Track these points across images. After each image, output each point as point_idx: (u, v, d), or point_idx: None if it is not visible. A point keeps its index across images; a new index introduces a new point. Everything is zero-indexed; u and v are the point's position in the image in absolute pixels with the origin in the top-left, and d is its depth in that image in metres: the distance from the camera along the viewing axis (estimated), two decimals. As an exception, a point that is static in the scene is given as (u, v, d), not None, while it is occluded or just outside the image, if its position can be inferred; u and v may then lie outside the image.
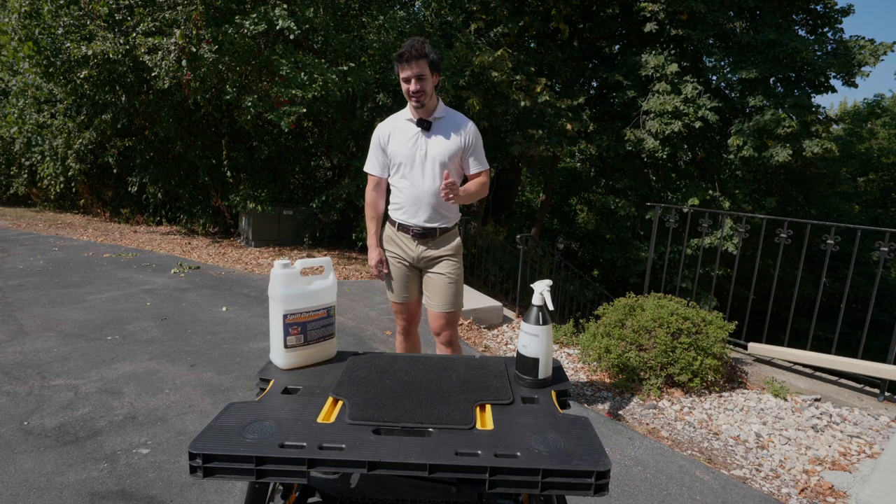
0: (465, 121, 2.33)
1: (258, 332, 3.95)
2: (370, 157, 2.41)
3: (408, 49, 2.12)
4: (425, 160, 2.26)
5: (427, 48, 2.15)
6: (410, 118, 2.29)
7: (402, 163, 2.29)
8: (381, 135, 2.35)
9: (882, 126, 19.88)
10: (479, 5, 8.84)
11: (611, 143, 9.49)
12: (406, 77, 2.17)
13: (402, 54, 2.13)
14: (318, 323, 1.40)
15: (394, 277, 2.44)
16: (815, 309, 3.77)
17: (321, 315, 1.41)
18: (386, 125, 2.36)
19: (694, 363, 3.20)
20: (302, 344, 1.37)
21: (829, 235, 3.43)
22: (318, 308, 1.41)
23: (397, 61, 2.17)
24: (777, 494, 2.33)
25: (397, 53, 2.16)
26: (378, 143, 2.36)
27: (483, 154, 2.38)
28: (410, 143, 2.27)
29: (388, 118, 2.39)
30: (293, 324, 1.36)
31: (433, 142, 2.26)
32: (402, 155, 2.28)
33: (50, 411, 2.62)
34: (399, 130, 2.31)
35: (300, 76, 6.06)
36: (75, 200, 11.33)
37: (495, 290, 6.06)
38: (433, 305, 2.41)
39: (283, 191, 8.77)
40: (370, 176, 2.43)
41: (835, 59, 8.91)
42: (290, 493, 1.23)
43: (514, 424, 1.08)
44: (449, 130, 2.28)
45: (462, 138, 2.29)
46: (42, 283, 4.98)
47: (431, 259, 2.38)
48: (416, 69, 2.14)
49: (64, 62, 6.76)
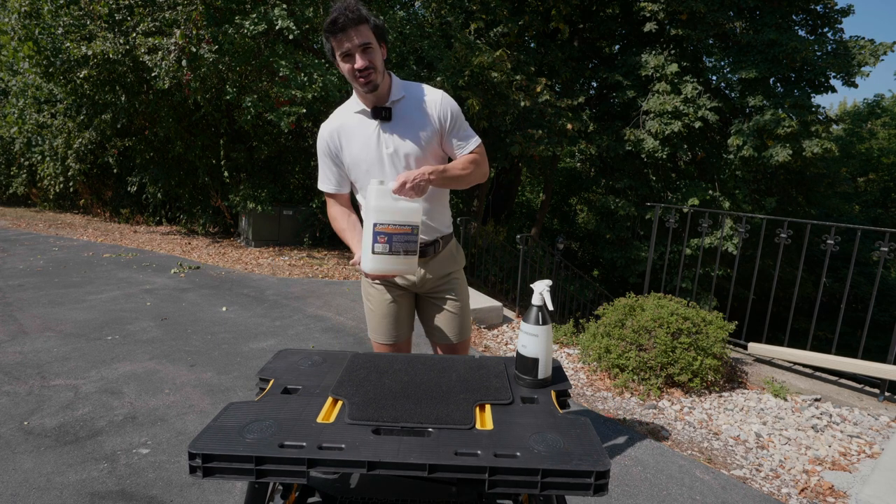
0: (432, 93, 1.74)
1: (258, 332, 3.95)
2: (321, 171, 1.82)
3: (341, 13, 1.53)
4: (396, 159, 1.70)
5: (364, 10, 1.57)
6: (362, 109, 1.71)
7: (367, 171, 1.72)
8: (328, 140, 1.75)
9: (882, 126, 19.89)
10: (479, 5, 8.85)
11: (611, 143, 9.49)
12: (346, 52, 1.58)
13: (335, 21, 1.53)
14: (403, 237, 1.58)
15: (382, 313, 1.89)
16: (815, 309, 3.77)
17: (406, 231, 1.58)
18: (331, 126, 1.76)
19: (694, 363, 3.20)
20: (387, 252, 1.57)
21: (829, 235, 3.43)
22: (404, 224, 1.58)
23: (329, 33, 1.57)
24: (777, 494, 2.33)
25: (326, 23, 1.56)
26: (327, 151, 1.77)
27: (467, 126, 1.79)
28: (371, 142, 1.70)
29: (331, 117, 1.79)
30: (381, 233, 1.56)
31: (400, 133, 1.69)
32: (365, 161, 1.71)
33: (50, 411, 2.62)
34: (351, 130, 1.73)
35: (300, 76, 6.06)
36: (75, 200, 11.34)
37: (495, 290, 6.06)
38: (447, 338, 1.91)
39: (283, 191, 8.78)
40: (329, 196, 1.85)
41: (835, 59, 8.91)
42: (290, 493, 1.23)
43: (513, 424, 1.08)
44: (416, 112, 1.70)
45: (435, 117, 1.71)
46: (42, 283, 4.99)
47: (439, 279, 1.87)
48: (357, 38, 1.56)
49: (64, 62, 6.76)
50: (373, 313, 1.93)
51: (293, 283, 5.56)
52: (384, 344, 1.94)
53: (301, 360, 1.40)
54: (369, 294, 1.93)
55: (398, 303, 1.90)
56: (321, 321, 4.28)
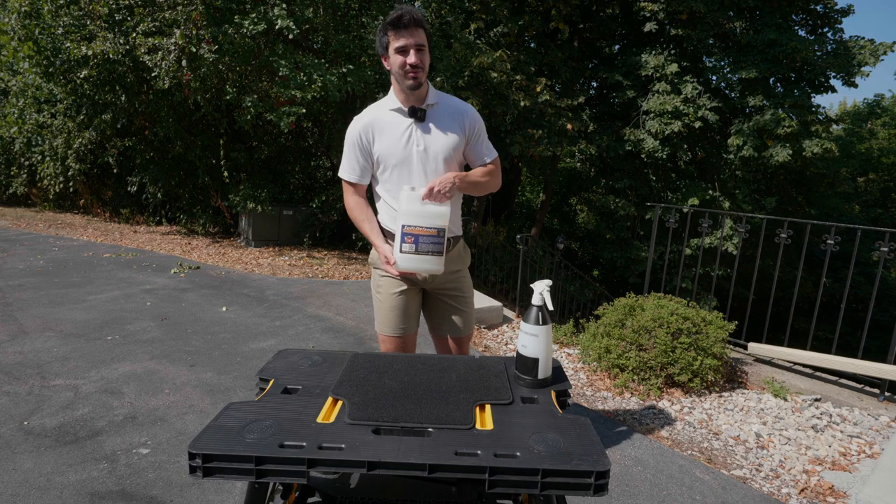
0: (463, 105, 1.92)
1: (258, 332, 3.95)
2: (347, 161, 1.91)
3: (406, 12, 1.70)
4: (426, 158, 1.82)
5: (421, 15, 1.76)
6: (398, 107, 1.84)
7: (395, 165, 1.84)
8: (361, 132, 1.86)
9: (882, 126, 19.89)
10: (479, 5, 8.85)
11: (611, 143, 9.50)
12: (402, 47, 1.72)
13: (401, 18, 1.70)
14: (429, 238, 1.74)
15: (390, 305, 1.95)
16: (815, 309, 3.77)
17: (432, 233, 1.74)
18: (365, 120, 1.87)
19: (694, 363, 3.20)
20: (413, 252, 1.73)
21: (829, 235, 3.43)
22: (431, 227, 1.74)
23: (391, 28, 1.73)
24: (777, 494, 2.33)
25: (391, 18, 1.72)
26: (357, 142, 1.87)
27: (489, 142, 1.97)
28: (403, 139, 1.82)
29: (365, 111, 1.91)
30: (408, 234, 1.73)
31: (431, 134, 1.83)
32: (395, 156, 1.83)
33: (50, 411, 2.62)
34: (385, 125, 1.84)
35: (300, 76, 6.06)
36: (75, 200, 11.34)
37: (495, 290, 6.06)
38: (454, 332, 2.00)
39: (283, 191, 8.78)
40: (347, 183, 1.94)
41: (835, 59, 8.92)
42: (290, 493, 1.23)
43: (513, 424, 1.08)
44: (447, 118, 1.86)
45: (464, 126, 1.88)
46: (42, 283, 4.99)
47: (447, 275, 1.94)
48: (415, 37, 1.72)
49: (64, 62, 6.76)
50: (381, 304, 1.98)
51: (293, 283, 5.56)
52: (391, 336, 1.99)
53: (301, 360, 1.40)
54: (379, 286, 1.99)
55: (406, 296, 1.96)
56: (321, 321, 4.29)
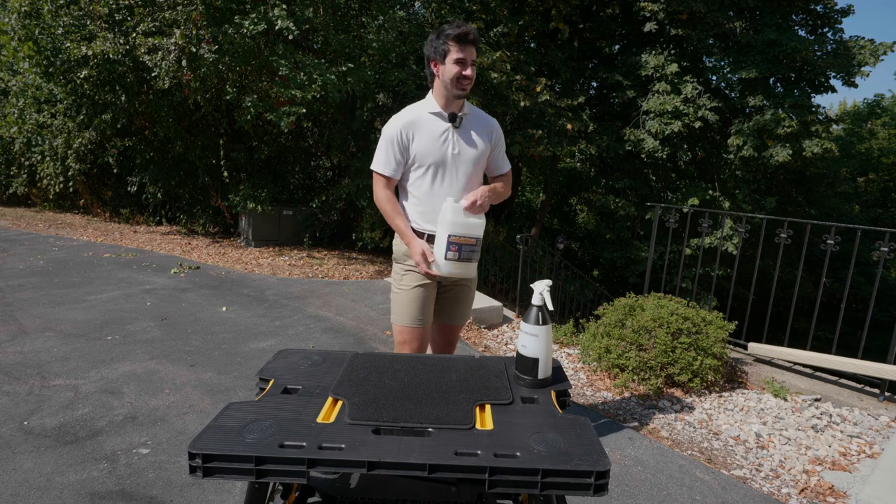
0: (490, 118, 2.15)
1: (258, 332, 3.95)
2: (384, 155, 2.02)
3: (470, 30, 1.90)
4: (458, 161, 2.01)
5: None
6: (438, 111, 2.00)
7: (431, 164, 1.99)
8: (402, 130, 1.99)
9: (882, 126, 19.88)
10: (479, 5, 8.84)
11: (611, 143, 9.49)
12: (461, 59, 1.91)
13: (467, 34, 1.89)
14: (469, 247, 1.96)
15: (411, 297, 2.07)
16: (815, 309, 3.77)
17: (472, 242, 1.96)
18: (406, 119, 2.00)
19: (694, 363, 3.20)
20: (457, 259, 1.94)
21: (829, 235, 3.43)
22: (471, 236, 1.95)
23: (455, 41, 1.90)
24: (777, 494, 2.33)
25: (456, 32, 1.89)
26: (397, 139, 1.99)
27: (505, 153, 2.22)
28: (440, 141, 1.99)
29: (404, 111, 2.04)
30: (453, 243, 1.93)
31: (466, 140, 2.03)
32: (431, 155, 1.99)
33: (50, 411, 2.62)
34: (425, 126, 2.00)
35: (299, 76, 6.06)
36: (75, 200, 11.34)
37: (495, 290, 6.05)
38: (452, 320, 2.21)
39: (283, 191, 8.78)
40: (380, 176, 2.04)
41: (835, 59, 8.91)
42: (290, 493, 1.23)
43: (513, 424, 1.08)
44: (479, 128, 2.07)
45: (492, 137, 2.10)
46: (42, 283, 4.99)
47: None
48: (473, 54, 1.93)
49: (64, 62, 6.76)
50: (403, 297, 2.10)
51: (293, 283, 5.56)
52: (411, 327, 2.09)
53: (301, 360, 1.40)
54: (402, 279, 2.11)
55: (427, 289, 2.10)
56: (321, 321, 4.29)
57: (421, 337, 2.11)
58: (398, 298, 2.11)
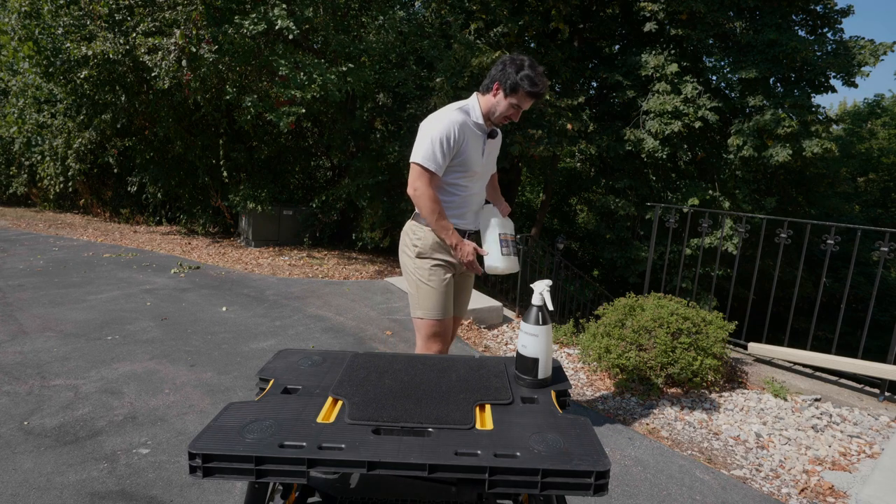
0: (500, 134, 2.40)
1: (258, 332, 3.95)
2: (436, 154, 2.07)
3: (544, 87, 2.09)
4: (484, 167, 2.26)
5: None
6: (481, 124, 2.18)
7: (471, 170, 2.18)
8: (459, 129, 2.10)
9: (882, 126, 19.88)
10: (479, 5, 8.85)
11: (611, 143, 9.49)
12: (519, 106, 2.12)
13: (539, 92, 2.09)
14: (514, 243, 2.24)
15: (442, 291, 2.19)
16: (815, 309, 3.77)
17: (513, 238, 2.25)
18: (460, 121, 2.11)
19: (694, 363, 3.20)
20: (510, 254, 2.19)
21: (829, 235, 3.43)
22: (511, 233, 2.25)
23: (530, 92, 2.07)
24: (777, 494, 2.33)
25: (536, 88, 2.07)
26: (451, 137, 2.08)
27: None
28: (480, 150, 2.21)
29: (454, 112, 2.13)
30: (504, 241, 2.19)
31: (491, 152, 2.30)
32: (472, 160, 2.17)
33: (50, 411, 2.62)
34: (471, 132, 2.17)
35: (299, 76, 6.06)
36: (75, 200, 11.34)
37: (495, 290, 6.05)
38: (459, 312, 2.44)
39: (283, 191, 8.78)
40: (424, 171, 2.09)
41: (835, 59, 8.91)
42: (290, 493, 1.23)
43: (513, 424, 1.08)
44: (497, 143, 2.35)
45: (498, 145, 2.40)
46: (42, 283, 4.99)
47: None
48: (530, 105, 2.16)
49: (64, 62, 6.76)
50: (433, 291, 2.18)
51: (293, 283, 5.56)
52: (441, 320, 2.20)
53: (301, 360, 1.40)
54: (431, 275, 2.19)
55: (452, 282, 2.26)
56: (321, 321, 4.29)
57: (449, 329, 2.28)
58: (430, 293, 2.18)
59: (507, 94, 2.09)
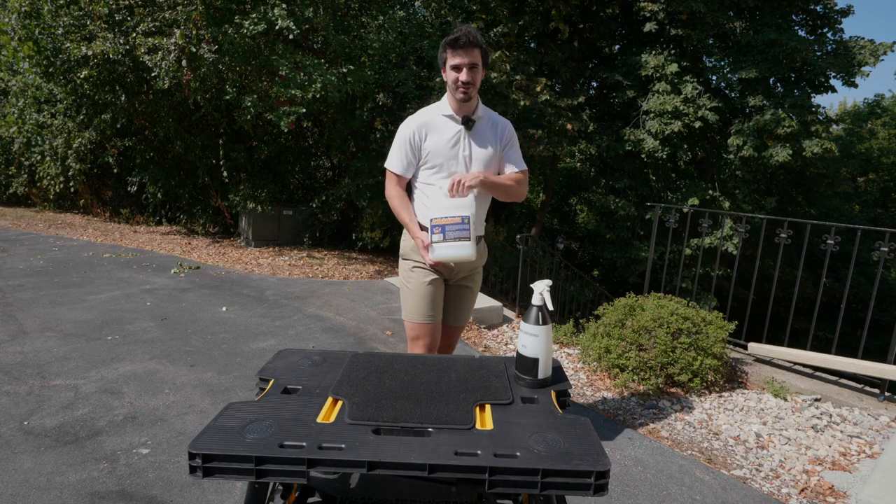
0: (503, 120, 2.18)
1: (258, 332, 3.95)
2: (396, 154, 2.11)
3: (464, 34, 1.91)
4: (469, 162, 2.06)
5: (480, 36, 1.95)
6: (450, 114, 2.06)
7: (441, 164, 2.06)
8: (415, 130, 2.06)
9: (882, 126, 19.87)
10: (479, 5, 8.84)
11: (611, 143, 9.49)
12: (457, 64, 1.94)
13: (458, 39, 1.91)
14: (455, 226, 1.90)
15: (420, 294, 2.12)
16: (815, 309, 3.77)
17: (457, 220, 1.91)
18: (420, 120, 2.08)
19: (694, 363, 3.20)
20: (442, 240, 1.92)
21: (829, 235, 3.43)
22: (455, 215, 1.91)
23: (450, 47, 1.94)
24: (777, 494, 2.33)
25: (450, 38, 1.93)
26: (410, 139, 2.06)
27: (520, 154, 2.21)
28: (451, 142, 2.05)
29: (419, 112, 2.11)
30: (436, 225, 1.92)
31: (477, 142, 2.08)
32: (442, 155, 2.05)
33: (50, 411, 2.62)
34: (437, 127, 2.06)
35: (299, 76, 6.06)
36: (75, 200, 11.34)
37: (495, 290, 6.05)
38: (456, 320, 2.27)
39: (283, 191, 8.78)
40: (392, 173, 2.13)
41: (835, 59, 8.91)
42: (290, 493, 1.23)
43: (513, 424, 1.08)
44: (489, 130, 2.11)
45: (501, 136, 2.13)
46: (42, 283, 4.98)
47: (467, 270, 2.20)
48: (470, 57, 1.93)
49: (64, 62, 6.76)
50: (412, 293, 2.15)
51: (293, 283, 5.56)
52: (420, 323, 2.15)
53: (301, 360, 1.40)
54: (410, 276, 2.16)
55: (434, 286, 2.14)
56: (321, 321, 4.29)
57: (432, 332, 2.17)
58: (408, 295, 2.16)
59: (444, 64, 2.01)
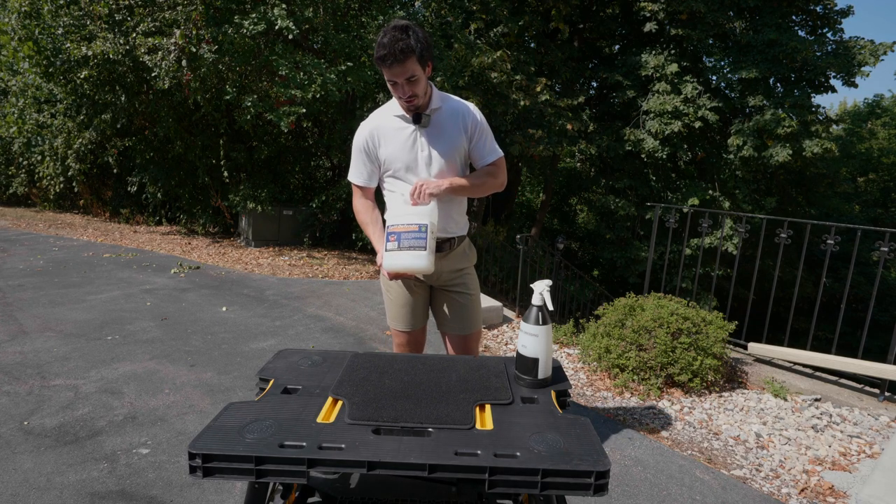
0: (464, 106, 1.93)
1: (258, 332, 3.95)
2: (354, 165, 1.99)
3: (390, 52, 1.67)
4: (430, 162, 1.88)
5: (412, 40, 1.69)
6: (401, 114, 1.88)
7: (401, 169, 1.90)
8: (367, 139, 1.92)
9: (882, 126, 19.88)
10: (479, 5, 8.85)
11: (611, 143, 9.50)
12: (393, 81, 1.75)
13: (383, 58, 1.68)
14: (411, 234, 1.76)
15: (401, 302, 2.05)
16: (815, 309, 3.76)
17: (413, 228, 1.77)
18: (371, 126, 1.92)
19: (694, 363, 3.20)
20: (396, 248, 1.77)
21: (829, 235, 3.43)
22: (411, 223, 1.77)
23: (379, 63, 1.72)
24: (777, 494, 2.33)
25: (376, 55, 1.70)
26: (364, 148, 1.93)
27: (493, 140, 1.98)
28: (408, 145, 1.88)
29: (371, 116, 1.95)
30: (392, 233, 1.79)
31: (435, 139, 1.88)
32: (400, 160, 1.89)
33: (50, 411, 2.62)
34: (390, 131, 1.90)
35: (299, 76, 6.06)
36: (75, 200, 11.34)
37: (495, 290, 6.05)
38: (459, 329, 2.06)
39: (283, 191, 8.78)
40: (355, 186, 2.01)
41: (835, 59, 8.92)
42: (290, 493, 1.23)
43: (513, 424, 1.08)
44: (449, 122, 1.89)
45: (466, 127, 1.91)
46: (42, 283, 4.98)
47: (452, 273, 2.03)
48: (403, 73, 1.71)
49: (64, 62, 6.76)
50: (392, 303, 2.08)
51: (293, 283, 5.56)
52: (401, 331, 2.10)
53: (301, 360, 1.40)
54: (389, 285, 2.07)
55: (414, 293, 2.05)
56: (321, 321, 4.29)
57: (413, 340, 2.13)
58: (388, 303, 2.13)
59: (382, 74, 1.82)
